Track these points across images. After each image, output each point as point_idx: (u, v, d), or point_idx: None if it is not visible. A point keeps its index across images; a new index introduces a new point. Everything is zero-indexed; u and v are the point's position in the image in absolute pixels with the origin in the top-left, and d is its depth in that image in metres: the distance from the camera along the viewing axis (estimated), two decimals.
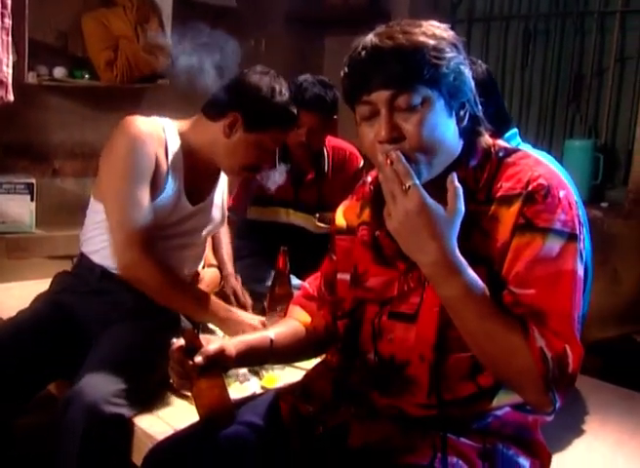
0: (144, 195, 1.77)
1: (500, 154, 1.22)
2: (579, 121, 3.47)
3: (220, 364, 1.29)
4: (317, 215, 2.72)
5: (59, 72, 3.16)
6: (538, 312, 1.10)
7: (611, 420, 1.73)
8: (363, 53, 1.14)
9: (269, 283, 2.43)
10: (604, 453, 1.58)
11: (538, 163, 1.19)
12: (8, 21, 2.15)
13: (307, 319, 1.48)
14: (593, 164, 3.20)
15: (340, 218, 1.44)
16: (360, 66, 1.15)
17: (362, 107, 1.17)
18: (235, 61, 1.71)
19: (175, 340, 1.29)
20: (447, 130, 1.17)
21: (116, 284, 1.86)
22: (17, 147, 3.24)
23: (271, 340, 1.41)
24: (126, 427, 1.62)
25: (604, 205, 3.18)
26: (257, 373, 1.92)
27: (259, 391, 1.79)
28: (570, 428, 1.65)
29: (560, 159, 3.24)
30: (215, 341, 1.30)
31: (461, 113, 1.19)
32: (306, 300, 1.50)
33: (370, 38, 1.15)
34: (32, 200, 3.08)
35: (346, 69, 1.18)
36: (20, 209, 3.06)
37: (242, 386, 1.82)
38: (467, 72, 1.18)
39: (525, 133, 3.65)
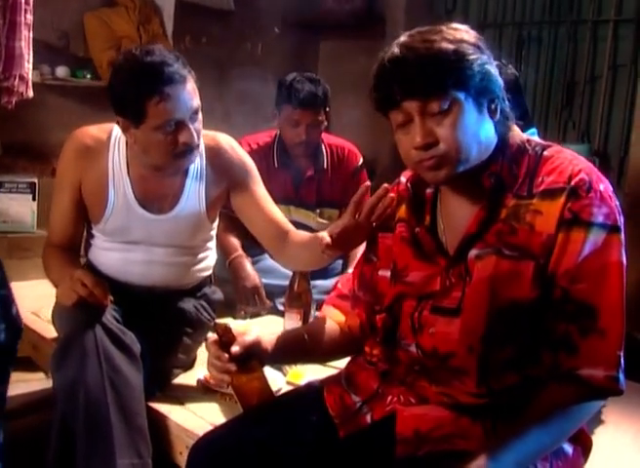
0: (62, 202, 1.91)
1: (537, 149, 1.26)
2: (571, 127, 3.56)
3: (257, 356, 1.32)
4: (318, 211, 2.76)
5: (61, 71, 3.16)
6: (588, 307, 1.16)
7: (628, 413, 1.78)
8: (388, 65, 1.19)
9: (280, 281, 2.48)
10: (626, 443, 1.64)
11: (574, 157, 1.24)
12: (30, 18, 2.14)
13: (341, 318, 1.49)
14: None
15: None
16: (386, 78, 1.20)
17: (395, 115, 1.22)
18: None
19: (209, 335, 1.30)
20: (479, 127, 1.21)
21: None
22: (17, 146, 3.22)
23: (305, 339, 1.44)
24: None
25: None
26: (280, 369, 1.95)
27: (284, 387, 1.81)
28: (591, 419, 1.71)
29: None
30: (250, 334, 1.33)
31: (492, 107, 1.23)
32: (340, 300, 1.52)
33: (393, 49, 1.20)
34: (34, 199, 3.07)
35: (374, 81, 1.22)
36: (22, 208, 3.05)
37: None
38: (494, 70, 1.22)
39: None
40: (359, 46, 4.07)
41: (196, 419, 1.64)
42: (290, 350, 1.43)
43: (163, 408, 1.70)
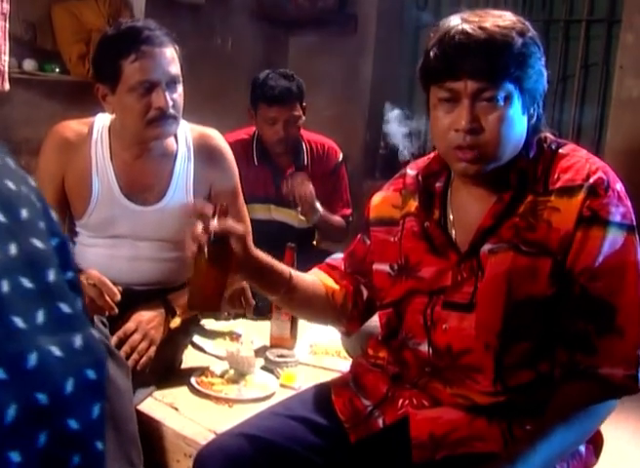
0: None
1: (553, 146, 1.25)
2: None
3: (239, 257, 1.24)
4: (299, 209, 2.72)
5: (28, 65, 3.04)
6: (607, 305, 1.15)
7: (625, 411, 1.79)
8: (457, 38, 1.13)
9: None
10: (626, 439, 1.65)
11: (589, 155, 1.24)
12: (6, 6, 2.05)
13: (331, 283, 1.45)
14: None
15: (375, 209, 1.42)
16: (452, 51, 1.14)
17: (442, 91, 1.18)
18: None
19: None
20: (520, 127, 1.19)
21: None
22: None
23: (290, 274, 1.36)
24: None
25: None
26: (272, 372, 1.91)
27: (278, 390, 1.78)
28: None
29: None
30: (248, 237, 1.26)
31: (531, 111, 1.21)
32: (330, 269, 1.49)
33: (459, 23, 1.15)
34: None
35: (435, 51, 1.16)
36: None
37: (261, 385, 1.81)
38: (545, 73, 1.21)
39: None
40: (330, 42, 4.04)
41: (194, 426, 1.58)
42: (271, 275, 1.33)
43: (157, 414, 1.64)
